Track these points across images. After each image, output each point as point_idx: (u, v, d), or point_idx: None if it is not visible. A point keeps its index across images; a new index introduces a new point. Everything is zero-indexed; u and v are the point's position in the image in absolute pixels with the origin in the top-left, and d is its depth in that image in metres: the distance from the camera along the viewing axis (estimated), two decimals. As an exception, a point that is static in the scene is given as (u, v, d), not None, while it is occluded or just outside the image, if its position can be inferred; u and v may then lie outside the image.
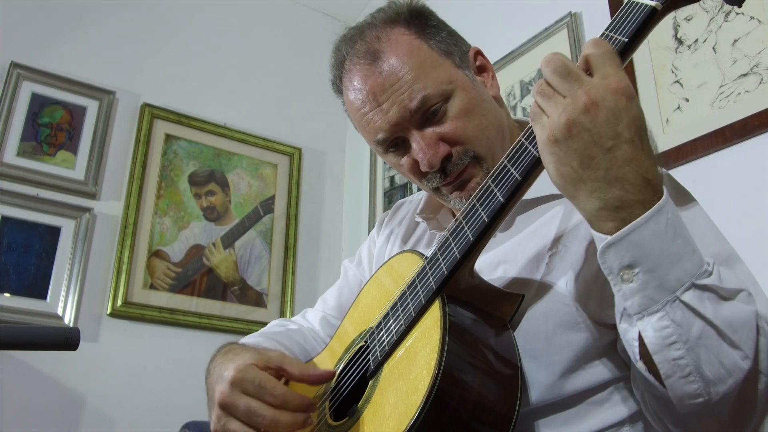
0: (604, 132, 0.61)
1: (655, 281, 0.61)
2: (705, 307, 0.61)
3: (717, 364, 0.62)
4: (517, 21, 2.23)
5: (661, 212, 0.62)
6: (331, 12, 3.19)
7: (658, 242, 0.61)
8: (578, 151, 0.62)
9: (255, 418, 0.77)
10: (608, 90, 0.62)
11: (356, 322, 0.97)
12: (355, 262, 1.27)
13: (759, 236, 1.44)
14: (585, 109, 0.62)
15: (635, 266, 0.62)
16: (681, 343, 0.61)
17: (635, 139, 0.62)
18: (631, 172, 0.62)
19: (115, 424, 2.16)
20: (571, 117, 0.62)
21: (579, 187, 0.63)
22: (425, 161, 0.90)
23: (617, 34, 0.68)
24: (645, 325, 0.62)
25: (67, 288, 2.21)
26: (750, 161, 1.50)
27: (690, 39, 1.69)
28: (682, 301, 0.61)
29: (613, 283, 0.64)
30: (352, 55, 0.95)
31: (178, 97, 2.65)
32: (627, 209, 0.62)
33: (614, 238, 0.62)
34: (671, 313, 0.61)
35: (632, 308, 0.63)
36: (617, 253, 0.62)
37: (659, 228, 0.61)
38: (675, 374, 0.62)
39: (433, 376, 0.66)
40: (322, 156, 2.99)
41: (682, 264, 0.62)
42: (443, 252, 0.78)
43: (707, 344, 0.61)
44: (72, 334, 0.83)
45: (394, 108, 0.90)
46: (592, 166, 0.62)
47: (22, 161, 2.26)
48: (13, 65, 2.32)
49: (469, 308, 0.77)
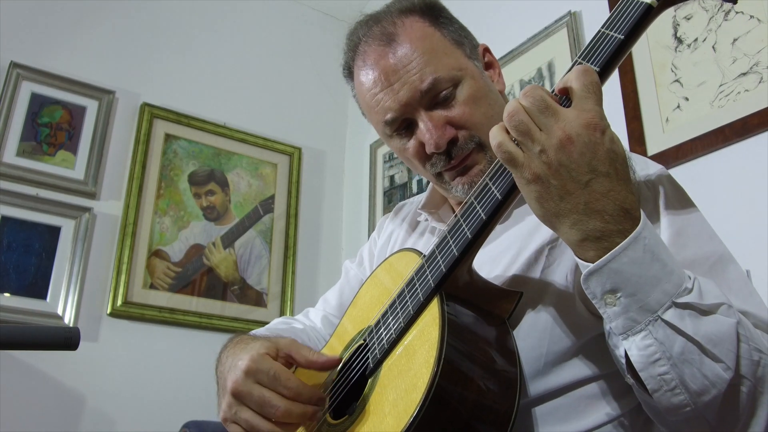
0: (581, 167, 0.64)
1: (636, 304, 0.64)
2: (686, 324, 0.64)
3: (700, 377, 0.64)
4: (517, 20, 2.23)
5: (638, 240, 0.64)
6: (331, 12, 3.19)
7: (636, 268, 0.64)
8: (558, 187, 0.65)
9: (268, 409, 0.78)
10: (582, 125, 0.64)
11: (355, 321, 0.97)
12: (356, 262, 1.27)
13: (759, 235, 1.44)
14: (561, 145, 0.64)
15: (617, 291, 0.65)
16: (665, 360, 0.64)
17: (611, 172, 0.64)
18: (609, 203, 0.64)
19: (115, 423, 2.16)
20: (549, 154, 0.64)
21: (561, 220, 0.66)
22: (432, 142, 0.91)
23: (613, 31, 0.68)
24: (630, 345, 0.65)
25: (67, 288, 2.21)
26: (750, 160, 1.50)
27: (690, 38, 1.69)
28: (664, 320, 0.64)
29: (598, 306, 0.67)
30: (367, 37, 0.98)
31: (178, 96, 2.65)
32: (607, 239, 0.64)
33: (595, 267, 0.65)
34: (654, 332, 0.64)
35: (617, 329, 0.66)
36: (599, 280, 0.65)
37: (637, 255, 0.64)
38: (661, 388, 0.65)
39: (432, 373, 0.66)
40: (322, 155, 2.99)
41: (661, 286, 0.64)
42: (441, 250, 0.78)
43: (690, 359, 0.64)
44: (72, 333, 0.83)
45: (404, 88, 0.92)
46: (571, 200, 0.64)
47: (21, 161, 2.26)
48: (13, 65, 2.32)
49: (468, 306, 0.77)
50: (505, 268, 0.88)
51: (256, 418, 0.79)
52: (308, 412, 0.79)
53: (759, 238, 1.44)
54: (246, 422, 0.79)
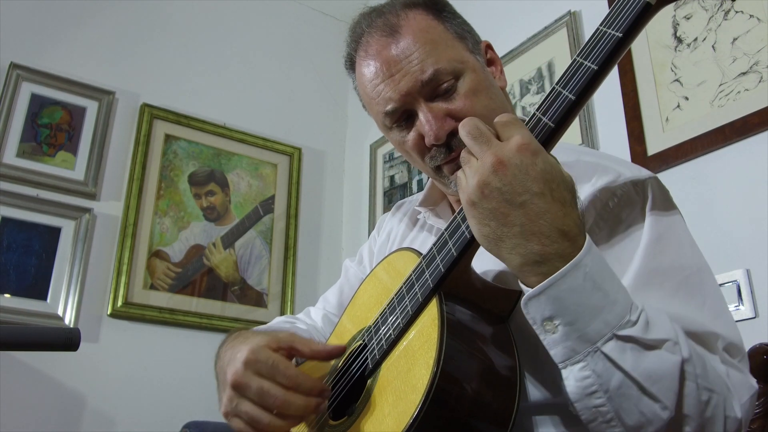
0: (515, 189, 0.65)
1: (575, 333, 0.64)
2: (625, 358, 0.63)
3: (637, 413, 0.64)
4: (517, 20, 2.23)
5: (578, 267, 0.63)
6: (331, 12, 3.19)
7: (575, 296, 0.63)
8: (493, 210, 0.66)
9: (267, 399, 0.77)
10: (512, 148, 0.66)
11: (354, 320, 0.97)
12: (356, 260, 1.27)
13: (759, 235, 1.44)
14: (493, 169, 0.65)
15: (555, 318, 0.64)
16: (602, 392, 0.64)
17: (545, 192, 0.64)
18: (545, 225, 0.64)
19: (115, 424, 2.16)
20: (482, 178, 0.66)
21: (500, 245, 0.66)
22: (431, 133, 0.91)
23: (612, 29, 0.68)
24: (568, 374, 0.65)
25: (68, 288, 2.21)
26: (750, 159, 1.50)
27: (689, 37, 1.69)
28: (603, 352, 0.63)
29: (538, 333, 0.66)
30: (370, 29, 0.98)
31: (178, 97, 2.65)
32: (547, 263, 0.64)
33: (533, 292, 0.65)
34: (592, 363, 0.63)
35: (556, 357, 0.65)
36: (537, 306, 0.65)
37: (576, 283, 0.63)
38: (597, 419, 0.65)
39: (431, 374, 0.66)
40: (321, 155, 2.99)
41: (602, 316, 0.63)
42: (440, 250, 0.78)
43: (627, 394, 0.64)
44: (72, 334, 0.83)
45: (405, 78, 0.92)
46: (507, 223, 0.65)
47: (21, 162, 2.26)
48: (13, 66, 2.33)
49: (467, 306, 0.77)
50: (504, 268, 0.88)
51: (257, 409, 0.78)
52: (310, 404, 0.78)
53: (759, 238, 1.43)
54: (246, 414, 0.79)
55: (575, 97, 0.68)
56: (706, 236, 1.52)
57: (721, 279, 1.45)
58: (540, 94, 2.09)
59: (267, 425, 0.78)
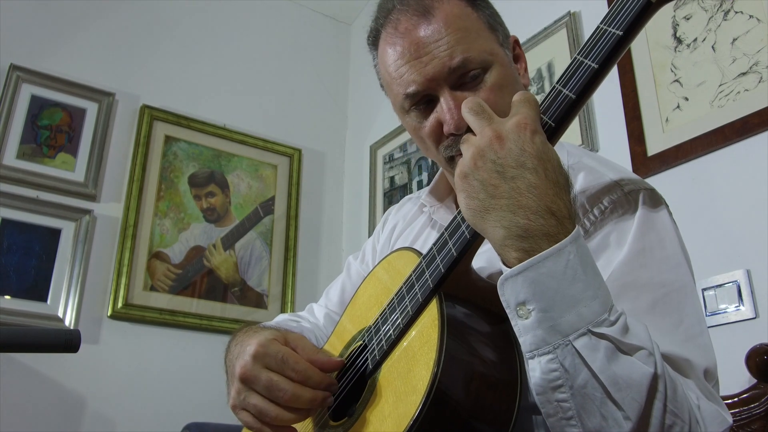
0: (508, 162, 0.64)
1: (548, 322, 0.61)
2: (595, 358, 0.61)
3: (599, 416, 0.61)
4: (517, 21, 2.22)
5: (562, 252, 0.62)
6: (330, 13, 3.19)
7: (553, 283, 0.61)
8: (484, 181, 0.65)
9: (276, 392, 0.77)
10: (512, 124, 0.66)
11: (354, 320, 0.96)
12: (359, 258, 1.27)
13: (759, 235, 1.44)
14: (490, 142, 0.66)
15: (529, 303, 0.62)
16: (567, 388, 0.62)
17: (539, 169, 0.64)
18: (533, 200, 0.63)
19: (115, 425, 2.16)
20: (477, 150, 0.66)
21: (485, 217, 0.65)
22: (452, 122, 0.88)
23: (612, 27, 0.68)
24: (534, 365, 0.63)
25: (68, 290, 2.21)
26: (749, 160, 1.50)
27: (689, 38, 1.69)
28: (574, 347, 0.61)
29: (510, 318, 0.65)
30: (403, 5, 0.94)
31: (178, 98, 2.65)
32: (530, 239, 0.63)
33: (511, 272, 0.63)
34: (561, 357, 0.61)
35: (525, 346, 0.64)
36: (513, 287, 0.63)
37: (557, 268, 0.61)
38: (557, 414, 0.63)
39: (432, 375, 0.66)
40: (321, 157, 2.99)
41: (578, 308, 0.61)
42: (440, 250, 0.78)
43: (591, 395, 0.61)
44: (72, 336, 0.83)
45: (433, 62, 0.89)
46: (497, 195, 0.64)
47: (21, 163, 2.26)
48: (13, 67, 2.33)
49: (467, 306, 0.77)
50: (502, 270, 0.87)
51: (265, 402, 0.78)
52: (318, 397, 0.78)
53: (759, 238, 1.43)
54: (254, 407, 0.79)
55: (576, 96, 0.68)
56: (706, 236, 1.52)
57: (721, 279, 1.45)
58: (540, 94, 2.09)
59: (275, 418, 0.78)
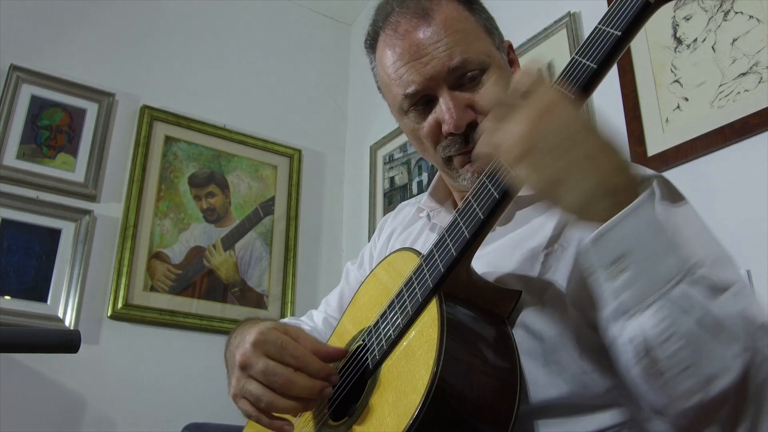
0: (569, 129, 0.62)
1: (646, 273, 0.60)
2: (696, 301, 0.60)
3: (711, 359, 0.60)
4: (516, 21, 2.23)
5: (648, 202, 0.61)
6: (331, 13, 3.19)
7: (648, 233, 0.60)
8: (550, 151, 0.62)
9: (271, 378, 0.77)
10: (554, 96, 0.64)
11: (354, 320, 0.97)
12: (357, 264, 1.27)
13: (759, 235, 1.44)
14: (546, 110, 0.63)
15: (625, 259, 0.60)
16: (676, 338, 0.59)
17: (600, 133, 0.63)
18: (605, 160, 0.62)
19: (115, 426, 2.16)
20: (535, 122, 0.63)
21: (560, 187, 0.62)
22: (451, 122, 0.89)
23: (611, 28, 0.68)
24: (639, 323, 0.60)
25: (68, 290, 2.21)
26: (750, 160, 1.50)
27: (689, 38, 1.69)
28: (673, 295, 0.59)
29: (604, 280, 0.62)
30: (402, 8, 0.96)
31: (178, 98, 2.65)
32: (614, 196, 0.61)
33: (603, 229, 0.61)
34: (665, 306, 0.59)
35: (624, 305, 0.61)
36: (605, 245, 0.61)
37: (648, 218, 0.60)
38: (672, 369, 0.60)
39: (431, 374, 0.66)
40: (321, 157, 2.99)
41: (671, 257, 0.60)
42: (440, 250, 0.78)
43: (700, 339, 0.60)
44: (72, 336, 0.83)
45: (433, 62, 0.91)
46: (568, 158, 0.62)
47: (21, 164, 2.26)
48: (13, 68, 2.33)
49: (467, 306, 0.77)
50: (502, 271, 0.88)
51: (260, 388, 0.78)
52: (315, 386, 0.78)
53: (759, 238, 1.43)
54: (251, 394, 0.79)
55: (574, 96, 0.68)
56: (707, 237, 1.52)
57: (722, 279, 1.45)
58: (540, 95, 2.09)
59: (269, 403, 0.78)
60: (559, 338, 0.80)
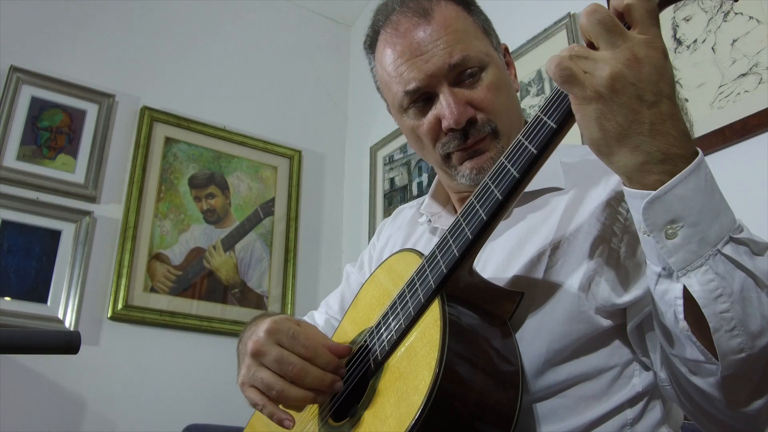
0: (648, 87, 0.61)
1: (697, 235, 0.61)
2: (743, 260, 0.62)
3: (759, 317, 0.62)
4: (516, 22, 2.24)
5: (701, 167, 0.62)
6: (330, 14, 3.19)
7: (699, 197, 0.61)
8: (623, 105, 0.61)
9: (285, 366, 0.79)
10: (650, 47, 0.62)
11: (355, 322, 0.97)
12: (357, 266, 1.27)
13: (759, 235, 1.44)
14: (629, 63, 0.61)
15: (679, 221, 0.62)
16: (726, 296, 0.61)
17: (673, 96, 0.63)
18: (672, 126, 0.62)
19: (116, 427, 2.16)
20: (615, 71, 0.61)
21: (622, 143, 0.62)
22: (452, 117, 0.91)
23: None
24: (690, 280, 0.62)
25: (68, 291, 2.21)
26: (749, 161, 1.50)
27: (689, 39, 1.69)
28: (723, 254, 0.62)
29: (656, 240, 0.63)
30: (402, 7, 0.98)
31: (178, 99, 2.65)
32: (670, 162, 0.61)
33: (659, 192, 0.61)
34: (714, 266, 0.61)
35: (676, 264, 0.62)
36: (661, 208, 0.62)
37: (700, 182, 0.62)
38: (722, 328, 0.62)
39: (433, 375, 0.66)
40: (321, 158, 2.99)
41: (720, 218, 0.62)
42: (442, 251, 0.78)
43: (749, 297, 0.62)
44: (73, 337, 0.83)
45: (433, 60, 0.92)
46: (636, 120, 0.61)
47: (22, 165, 2.26)
48: (13, 69, 2.33)
49: (469, 307, 0.77)
50: (506, 269, 0.88)
51: (273, 376, 0.80)
52: (326, 378, 0.80)
53: (759, 238, 1.43)
54: (262, 381, 0.80)
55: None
56: (707, 237, 1.52)
57: (722, 280, 1.45)
58: (540, 96, 2.10)
59: (280, 392, 0.79)
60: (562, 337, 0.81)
